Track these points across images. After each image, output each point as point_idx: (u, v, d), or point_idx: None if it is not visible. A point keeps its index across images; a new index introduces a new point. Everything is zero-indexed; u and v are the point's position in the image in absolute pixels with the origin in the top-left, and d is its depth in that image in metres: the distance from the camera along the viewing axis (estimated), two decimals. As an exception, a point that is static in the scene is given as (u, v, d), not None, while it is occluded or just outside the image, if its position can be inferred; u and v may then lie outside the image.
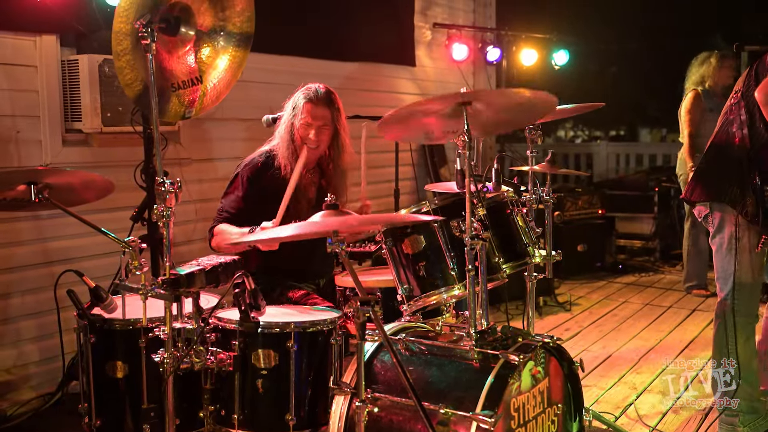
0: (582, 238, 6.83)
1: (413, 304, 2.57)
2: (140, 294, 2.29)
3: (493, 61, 6.92)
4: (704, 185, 3.14)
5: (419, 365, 2.39)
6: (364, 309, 2.01)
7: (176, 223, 4.42)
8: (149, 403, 2.51)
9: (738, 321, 3.11)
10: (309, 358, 2.48)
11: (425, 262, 2.54)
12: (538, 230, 3.04)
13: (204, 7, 2.34)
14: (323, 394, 2.49)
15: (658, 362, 4.39)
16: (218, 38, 2.37)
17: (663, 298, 6.01)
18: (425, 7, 6.67)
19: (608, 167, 10.06)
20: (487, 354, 2.28)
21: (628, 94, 19.21)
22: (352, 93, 5.86)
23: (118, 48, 2.41)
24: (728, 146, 3.07)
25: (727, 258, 3.10)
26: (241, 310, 2.33)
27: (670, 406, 3.72)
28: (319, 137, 3.04)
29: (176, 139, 4.39)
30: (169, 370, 2.32)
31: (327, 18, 5.45)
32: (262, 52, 5.00)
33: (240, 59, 2.37)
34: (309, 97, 3.02)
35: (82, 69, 3.73)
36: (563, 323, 5.32)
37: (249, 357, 2.44)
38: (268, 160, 3.11)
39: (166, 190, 2.31)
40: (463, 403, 2.17)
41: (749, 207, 2.96)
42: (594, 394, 3.89)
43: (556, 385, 2.47)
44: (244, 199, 3.10)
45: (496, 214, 2.71)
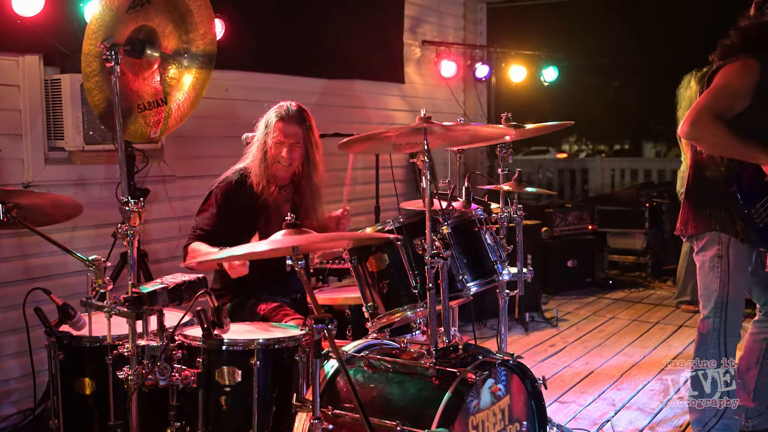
0: (572, 254, 6.84)
1: (377, 322, 2.60)
2: (104, 312, 2.33)
3: (481, 77, 6.97)
4: (694, 218, 3.10)
5: (380, 382, 2.41)
6: (318, 327, 2.05)
7: (160, 239, 4.56)
8: (116, 419, 2.54)
9: (719, 340, 3.11)
10: (273, 375, 2.51)
11: (389, 279, 2.57)
12: (508, 248, 3.07)
13: (168, 29, 2.39)
14: (288, 411, 2.51)
15: (639, 378, 4.40)
16: (182, 60, 2.41)
17: (651, 313, 6.01)
18: (414, 24, 6.73)
19: (603, 182, 10.09)
20: (445, 371, 2.30)
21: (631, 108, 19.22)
22: (341, 110, 5.93)
23: (87, 69, 2.46)
24: (707, 167, 3.07)
25: (710, 276, 3.09)
26: (204, 328, 2.36)
27: (648, 423, 3.72)
28: (292, 155, 3.09)
29: (160, 157, 4.43)
30: (133, 386, 2.34)
31: (315, 35, 5.51)
32: (248, 70, 5.07)
33: (203, 80, 2.42)
34: (281, 115, 3.07)
35: (64, 88, 3.79)
36: (549, 339, 5.32)
37: (213, 374, 2.47)
38: (242, 178, 3.16)
39: (130, 209, 2.34)
40: (420, 420, 2.19)
41: (739, 229, 2.97)
42: (572, 411, 3.90)
43: (518, 403, 2.49)
44: (218, 217, 3.13)
45: (463, 231, 2.74)
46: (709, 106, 2.87)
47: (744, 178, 2.92)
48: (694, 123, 2.87)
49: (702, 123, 2.86)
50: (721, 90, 2.89)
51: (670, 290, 6.76)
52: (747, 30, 2.98)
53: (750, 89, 2.86)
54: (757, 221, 2.92)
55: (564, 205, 7.13)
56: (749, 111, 2.87)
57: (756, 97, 2.86)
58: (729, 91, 2.88)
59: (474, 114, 7.27)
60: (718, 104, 2.88)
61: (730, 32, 3.06)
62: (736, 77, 2.87)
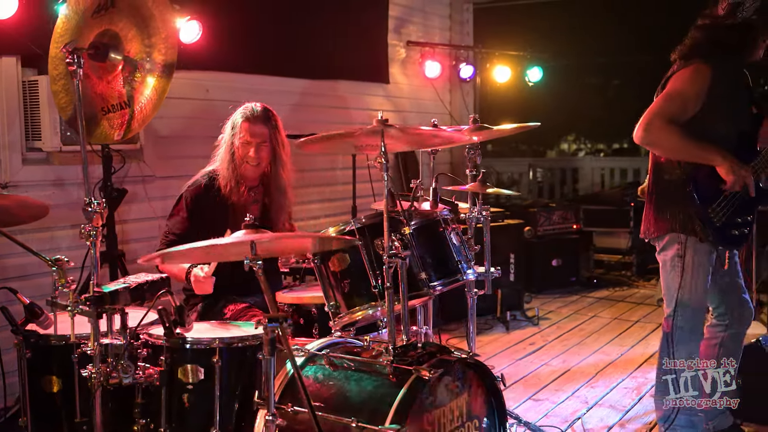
0: (556, 253, 6.88)
1: (339, 321, 2.64)
2: (68, 311, 2.37)
3: (466, 78, 7.01)
4: (656, 220, 3.14)
5: (340, 380, 2.46)
6: (272, 326, 2.09)
7: (140, 239, 4.60)
8: (82, 416, 2.58)
9: (682, 339, 3.15)
10: (236, 374, 2.55)
11: (350, 279, 2.61)
12: (476, 247, 3.11)
13: (132, 33, 2.44)
14: (251, 408, 2.55)
15: (614, 376, 4.44)
16: (145, 63, 2.46)
17: (632, 312, 6.06)
18: (399, 25, 6.77)
19: (593, 182, 10.13)
20: (402, 369, 2.35)
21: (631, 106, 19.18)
22: (324, 110, 5.97)
23: (54, 72, 2.51)
24: (665, 169, 3.11)
25: (672, 275, 3.14)
26: (165, 326, 2.40)
27: (618, 420, 3.77)
28: (259, 155, 3.13)
29: (139, 157, 4.47)
30: (96, 384, 2.39)
31: (298, 36, 5.55)
32: (229, 71, 5.11)
33: (165, 83, 2.45)
34: (246, 115, 3.11)
35: (41, 89, 3.82)
36: (529, 337, 5.37)
37: (176, 372, 2.51)
38: (211, 180, 3.20)
39: (92, 210, 2.39)
40: (375, 417, 2.23)
41: (698, 228, 3.01)
42: (545, 408, 3.94)
43: (476, 400, 2.53)
44: (189, 221, 3.17)
45: (427, 231, 2.78)
46: (661, 111, 2.91)
47: (700, 178, 2.96)
48: (647, 128, 2.91)
49: (655, 128, 2.91)
50: (674, 95, 2.93)
51: (653, 289, 6.81)
52: (705, 31, 3.02)
53: (702, 94, 2.90)
54: (715, 221, 2.97)
55: (549, 205, 7.17)
56: (700, 115, 2.91)
57: (708, 101, 2.91)
58: (682, 96, 2.92)
59: (460, 114, 7.30)
60: (670, 109, 2.92)
61: (690, 30, 3.09)
62: (688, 82, 2.91)
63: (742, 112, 3.05)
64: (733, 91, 2.99)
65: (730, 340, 3.24)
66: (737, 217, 3.00)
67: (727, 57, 2.95)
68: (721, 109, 2.94)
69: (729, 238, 3.01)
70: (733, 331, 3.24)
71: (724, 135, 2.94)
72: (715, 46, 2.97)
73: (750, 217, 3.03)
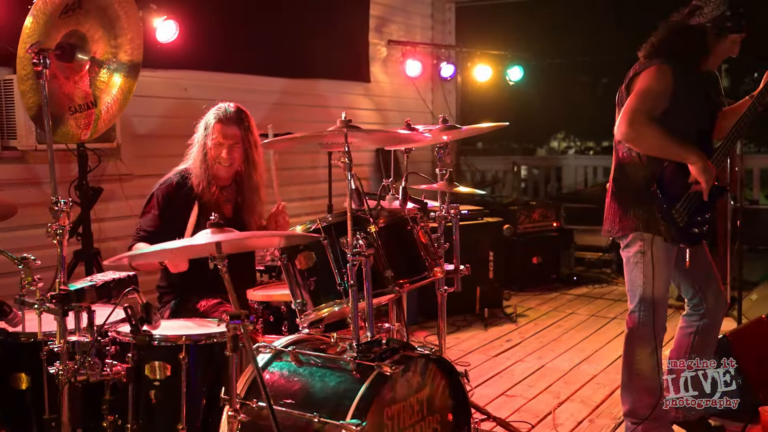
0: (537, 251, 6.94)
1: (305, 318, 2.68)
2: (35, 309, 2.40)
3: (447, 77, 7.06)
4: (620, 218, 3.19)
5: (305, 376, 2.49)
6: (234, 323, 2.13)
7: (117, 237, 4.63)
8: (51, 413, 2.61)
9: (645, 333, 3.21)
10: (203, 370, 2.59)
11: (316, 276, 2.65)
12: (445, 245, 3.16)
13: (98, 34, 2.47)
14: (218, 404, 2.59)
15: (587, 372, 4.50)
16: (111, 64, 2.49)
17: (610, 309, 6.12)
18: (381, 24, 6.81)
19: (576, 180, 10.21)
20: (365, 365, 2.39)
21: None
22: (304, 109, 6.00)
23: (22, 73, 2.53)
24: (629, 168, 3.16)
25: (635, 272, 3.20)
26: (132, 324, 2.44)
27: (587, 415, 3.83)
28: (231, 155, 3.17)
29: (116, 156, 4.50)
30: (63, 381, 2.42)
31: (277, 35, 5.58)
32: (208, 70, 5.14)
33: (131, 83, 2.49)
34: (219, 116, 3.14)
35: (16, 88, 3.84)
36: (506, 334, 5.42)
37: (143, 369, 2.54)
38: (183, 179, 3.23)
39: (59, 209, 2.42)
40: (337, 412, 2.27)
41: (662, 228, 3.06)
42: (518, 404, 3.99)
43: (438, 395, 2.57)
44: (160, 218, 3.21)
45: (394, 230, 2.82)
46: (641, 107, 2.94)
47: (665, 178, 3.01)
48: (631, 124, 2.93)
49: (639, 124, 2.93)
50: (646, 92, 2.97)
51: (632, 286, 6.87)
52: (667, 31, 3.07)
53: (668, 93, 2.96)
54: (678, 221, 3.02)
55: (529, 203, 7.23)
56: (661, 116, 2.96)
57: (671, 99, 2.96)
58: (652, 94, 2.97)
59: (442, 113, 7.32)
60: (647, 106, 2.96)
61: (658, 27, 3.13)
62: (654, 81, 2.96)
63: (701, 110, 3.10)
64: (693, 91, 3.04)
65: (704, 329, 3.29)
66: (698, 215, 3.06)
67: (683, 59, 3.00)
68: (683, 108, 2.99)
69: (690, 237, 3.07)
70: (707, 320, 3.27)
71: (685, 133, 3.00)
72: (672, 47, 3.02)
73: (708, 215, 3.09)
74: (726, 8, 2.98)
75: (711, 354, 3.34)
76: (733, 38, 3.02)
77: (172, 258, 2.86)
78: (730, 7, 2.98)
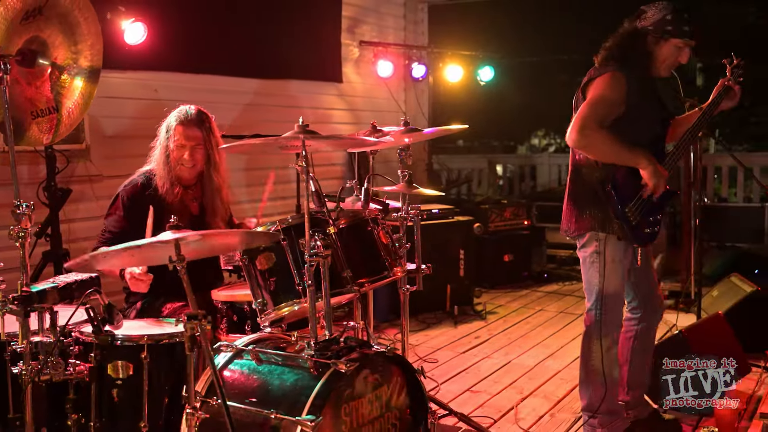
0: (508, 249, 7.04)
1: (266, 317, 2.75)
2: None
3: (418, 77, 7.14)
4: (576, 218, 3.26)
5: (264, 374, 2.56)
6: (192, 323, 2.19)
7: (88, 237, 4.65)
8: (15, 412, 2.65)
9: (602, 330, 3.30)
10: (165, 369, 2.65)
11: (276, 277, 2.72)
12: (406, 245, 3.23)
13: (59, 41, 2.51)
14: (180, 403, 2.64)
15: (552, 368, 4.60)
16: (72, 69, 2.53)
17: (578, 306, 6.23)
18: (353, 25, 6.87)
19: (551, 178, 10.33)
20: (321, 363, 2.46)
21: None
22: (276, 110, 6.04)
23: (-16, 78, 2.57)
24: (584, 170, 3.24)
25: (591, 271, 3.30)
26: (94, 324, 2.49)
27: (549, 409, 3.92)
28: (194, 157, 3.22)
29: (86, 157, 4.53)
30: (27, 381, 2.47)
31: (248, 35, 5.62)
32: (178, 71, 5.17)
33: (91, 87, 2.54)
34: (180, 119, 3.20)
35: (-18, 92, 3.86)
36: (475, 331, 5.51)
37: (105, 368, 2.60)
38: (147, 180, 3.28)
39: (21, 212, 2.46)
40: (293, 409, 2.34)
41: (616, 227, 3.16)
42: (482, 399, 4.08)
43: (396, 392, 2.65)
44: (125, 219, 3.25)
45: (354, 231, 2.89)
46: (592, 115, 3.01)
47: (618, 179, 3.11)
48: (582, 132, 3.00)
49: (589, 131, 3.01)
50: (599, 100, 3.04)
51: (601, 283, 6.99)
52: (618, 37, 3.16)
53: (621, 100, 3.04)
54: (631, 220, 3.12)
55: (500, 202, 7.33)
56: (614, 122, 3.04)
57: (624, 108, 3.04)
58: (606, 102, 3.04)
59: (414, 113, 7.43)
60: (598, 114, 3.03)
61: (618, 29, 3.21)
62: (608, 88, 3.03)
63: (653, 116, 3.19)
64: (646, 97, 3.13)
65: (642, 333, 3.42)
66: (650, 216, 3.16)
67: (635, 64, 3.09)
68: (636, 114, 3.08)
69: (642, 236, 3.17)
70: (645, 324, 3.41)
71: (638, 138, 3.09)
72: (624, 51, 3.11)
73: (659, 216, 3.19)
74: (667, 12, 3.07)
75: (650, 355, 3.49)
76: (676, 43, 3.10)
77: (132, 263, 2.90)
78: (671, 12, 3.06)
